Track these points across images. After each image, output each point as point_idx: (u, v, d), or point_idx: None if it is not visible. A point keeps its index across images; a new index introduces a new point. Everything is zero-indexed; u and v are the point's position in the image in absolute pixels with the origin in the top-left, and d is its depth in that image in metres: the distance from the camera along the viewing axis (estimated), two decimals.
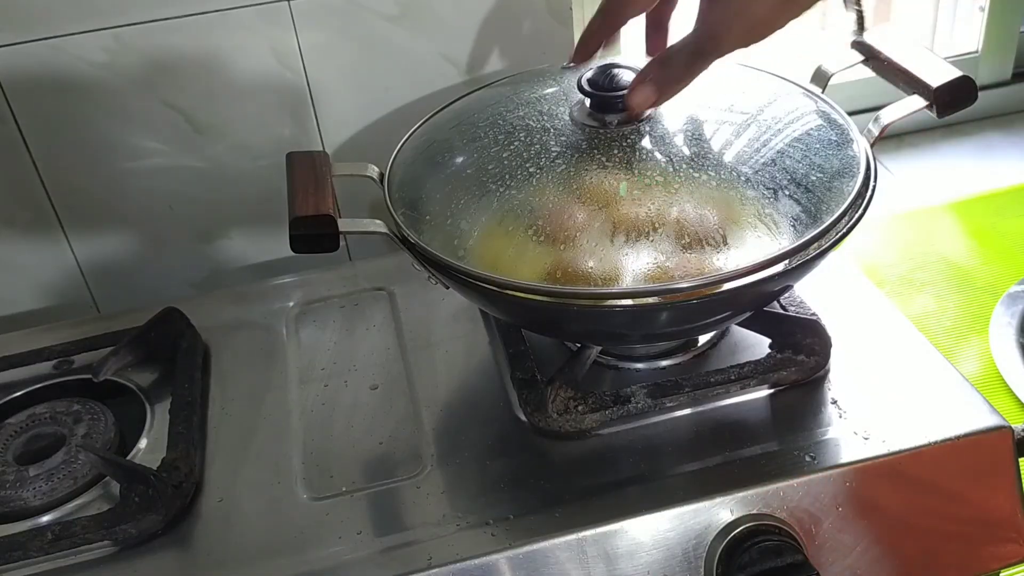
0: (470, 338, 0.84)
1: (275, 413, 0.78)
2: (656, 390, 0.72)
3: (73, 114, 0.90)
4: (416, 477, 0.70)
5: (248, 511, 0.70)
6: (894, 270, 1.08)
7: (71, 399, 0.80)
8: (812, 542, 0.66)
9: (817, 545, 0.66)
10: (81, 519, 0.68)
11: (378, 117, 0.97)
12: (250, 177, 0.97)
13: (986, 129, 1.34)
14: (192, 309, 0.88)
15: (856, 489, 0.66)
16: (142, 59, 0.88)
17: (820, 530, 0.64)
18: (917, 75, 0.74)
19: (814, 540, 0.66)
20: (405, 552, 0.64)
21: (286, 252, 0.68)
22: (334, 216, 0.67)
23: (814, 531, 0.65)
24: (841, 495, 0.66)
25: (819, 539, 0.66)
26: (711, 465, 0.68)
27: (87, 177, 0.93)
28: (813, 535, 0.66)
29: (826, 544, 0.66)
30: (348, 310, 0.89)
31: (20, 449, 0.76)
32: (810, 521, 0.65)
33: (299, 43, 0.91)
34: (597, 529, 0.64)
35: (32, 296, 0.99)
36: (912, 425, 0.69)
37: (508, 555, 0.63)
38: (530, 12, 0.95)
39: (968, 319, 1.01)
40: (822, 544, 0.66)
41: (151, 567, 0.66)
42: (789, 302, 0.78)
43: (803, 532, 0.65)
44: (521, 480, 0.68)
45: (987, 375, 0.94)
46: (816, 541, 0.66)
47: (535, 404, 0.71)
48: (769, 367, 0.73)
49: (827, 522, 0.65)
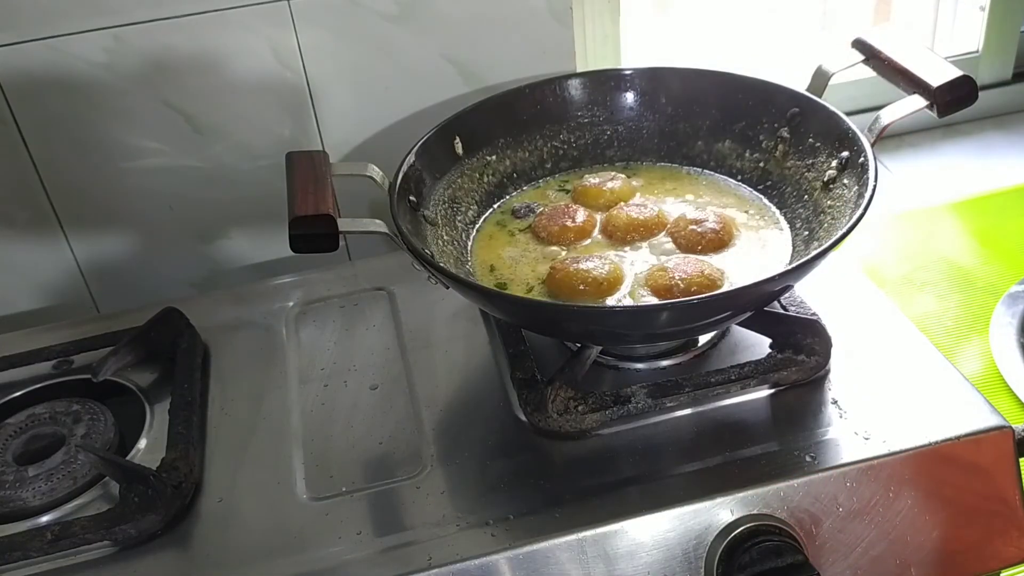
0: (470, 338, 0.83)
1: (275, 413, 0.78)
2: (656, 390, 0.72)
3: (73, 114, 0.90)
4: (416, 477, 0.70)
5: (248, 511, 0.70)
6: (894, 270, 1.08)
7: (71, 399, 0.80)
8: (812, 542, 0.66)
9: (817, 545, 0.66)
10: (81, 519, 0.68)
11: (378, 117, 0.97)
12: (250, 177, 0.97)
13: (986, 129, 1.34)
14: (192, 309, 0.88)
15: (856, 489, 0.66)
16: (142, 59, 0.88)
17: (820, 530, 0.64)
18: (917, 75, 0.74)
19: (814, 540, 0.66)
20: (405, 552, 0.64)
21: (286, 252, 0.68)
22: (334, 216, 0.67)
23: (814, 531, 0.65)
24: (841, 495, 0.66)
25: (819, 539, 0.66)
26: (711, 465, 0.68)
27: (87, 177, 0.93)
28: (813, 535, 0.66)
29: (826, 544, 0.66)
30: (348, 310, 0.89)
31: (20, 449, 0.76)
32: (810, 521, 0.65)
33: (299, 43, 0.91)
34: (597, 529, 0.64)
35: (32, 296, 0.99)
36: (913, 425, 0.69)
37: (508, 555, 0.63)
38: (530, 12, 0.95)
39: (969, 319, 1.00)
40: (822, 544, 0.66)
41: (151, 567, 0.66)
42: (789, 302, 0.78)
43: (803, 532, 0.65)
44: (521, 480, 0.68)
45: (988, 375, 0.93)
46: (816, 541, 0.66)
47: (535, 404, 0.71)
48: (769, 367, 0.73)
49: (827, 522, 0.65)
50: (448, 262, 0.76)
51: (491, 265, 0.81)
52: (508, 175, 0.89)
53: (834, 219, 0.74)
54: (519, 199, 0.88)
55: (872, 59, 0.79)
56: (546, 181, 0.90)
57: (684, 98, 0.89)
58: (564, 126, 0.90)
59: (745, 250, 0.79)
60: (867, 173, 0.71)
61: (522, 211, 0.86)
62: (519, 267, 0.80)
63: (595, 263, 0.76)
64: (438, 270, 0.69)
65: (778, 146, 0.83)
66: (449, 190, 0.84)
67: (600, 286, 0.75)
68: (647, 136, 0.90)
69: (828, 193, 0.76)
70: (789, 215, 0.81)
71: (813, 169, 0.79)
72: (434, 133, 0.83)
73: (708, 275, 0.74)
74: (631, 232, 0.81)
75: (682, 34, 1.30)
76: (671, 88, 0.89)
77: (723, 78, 0.87)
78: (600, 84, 0.90)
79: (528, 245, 0.83)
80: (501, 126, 0.88)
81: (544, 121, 0.90)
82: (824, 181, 0.77)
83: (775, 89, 0.84)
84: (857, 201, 0.70)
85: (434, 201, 0.81)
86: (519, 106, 0.89)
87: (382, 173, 0.78)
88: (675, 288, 0.73)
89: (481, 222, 0.86)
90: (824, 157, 0.78)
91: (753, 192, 0.85)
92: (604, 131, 0.91)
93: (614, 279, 0.76)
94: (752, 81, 0.85)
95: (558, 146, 0.90)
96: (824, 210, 0.76)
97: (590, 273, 0.75)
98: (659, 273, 0.75)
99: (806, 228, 0.78)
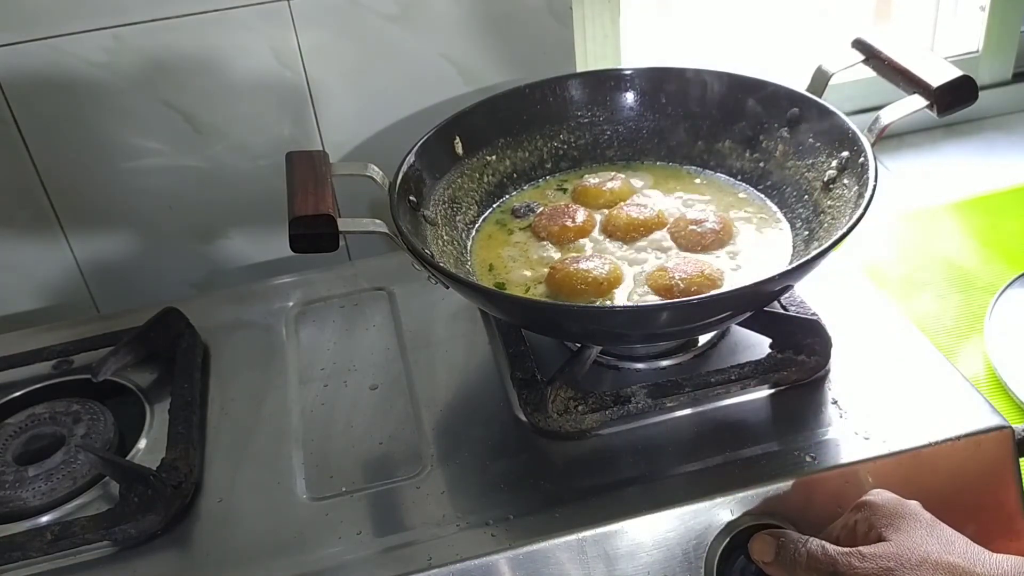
0: (470, 338, 0.83)
1: (275, 413, 0.78)
2: (656, 390, 0.72)
3: (73, 114, 0.90)
4: (416, 477, 0.70)
5: (248, 511, 0.70)
6: (894, 270, 1.08)
7: (70, 399, 0.80)
8: None
9: None
10: (80, 519, 0.68)
11: (378, 116, 0.97)
12: (250, 177, 0.97)
13: (986, 129, 1.34)
14: (192, 309, 0.88)
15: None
16: (142, 59, 0.88)
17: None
18: (917, 75, 0.74)
19: None
20: (405, 552, 0.64)
21: (286, 252, 0.68)
22: (334, 215, 0.67)
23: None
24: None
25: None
26: (711, 465, 0.68)
27: (87, 177, 0.93)
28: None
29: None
30: (348, 310, 0.89)
31: (19, 449, 0.76)
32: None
33: (299, 43, 0.91)
34: (597, 529, 0.64)
35: (32, 296, 0.99)
36: (913, 425, 0.69)
37: (508, 555, 0.63)
38: (530, 12, 0.95)
39: (968, 319, 1.00)
40: None
41: (151, 567, 0.66)
42: (789, 302, 0.78)
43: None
44: (521, 480, 0.68)
45: (988, 375, 0.93)
46: None
47: (535, 404, 0.71)
48: (769, 367, 0.73)
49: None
50: (448, 262, 0.76)
51: (490, 264, 0.81)
52: (508, 175, 0.89)
53: (834, 219, 0.74)
54: (519, 199, 0.88)
55: (872, 59, 0.79)
56: (546, 181, 0.90)
57: (684, 98, 0.89)
58: (564, 126, 0.90)
59: (745, 250, 0.79)
60: (867, 173, 0.71)
61: (522, 211, 0.86)
62: (519, 267, 0.80)
63: (595, 263, 0.76)
64: (438, 270, 0.69)
65: (778, 146, 0.83)
66: (449, 190, 0.84)
67: (600, 286, 0.75)
68: (647, 136, 0.90)
69: (828, 193, 0.76)
70: (789, 215, 0.81)
71: (813, 169, 0.79)
72: (434, 133, 0.83)
73: (708, 275, 0.74)
74: (631, 232, 0.81)
75: (682, 34, 1.30)
76: (671, 88, 0.89)
77: (723, 78, 0.87)
78: (600, 84, 0.90)
79: (528, 245, 0.83)
80: (501, 126, 0.88)
81: (544, 121, 0.90)
82: (824, 181, 0.77)
83: (775, 89, 0.84)
84: (857, 201, 0.70)
85: (434, 201, 0.81)
86: (519, 106, 0.89)
87: (382, 173, 0.78)
88: (675, 288, 0.73)
89: (481, 222, 0.86)
90: (824, 157, 0.78)
91: (753, 192, 0.85)
92: (604, 131, 0.91)
93: (614, 279, 0.76)
94: (752, 81, 0.85)
95: (558, 146, 0.90)
96: (824, 210, 0.76)
97: (590, 273, 0.75)
98: (659, 273, 0.75)
99: (806, 228, 0.78)
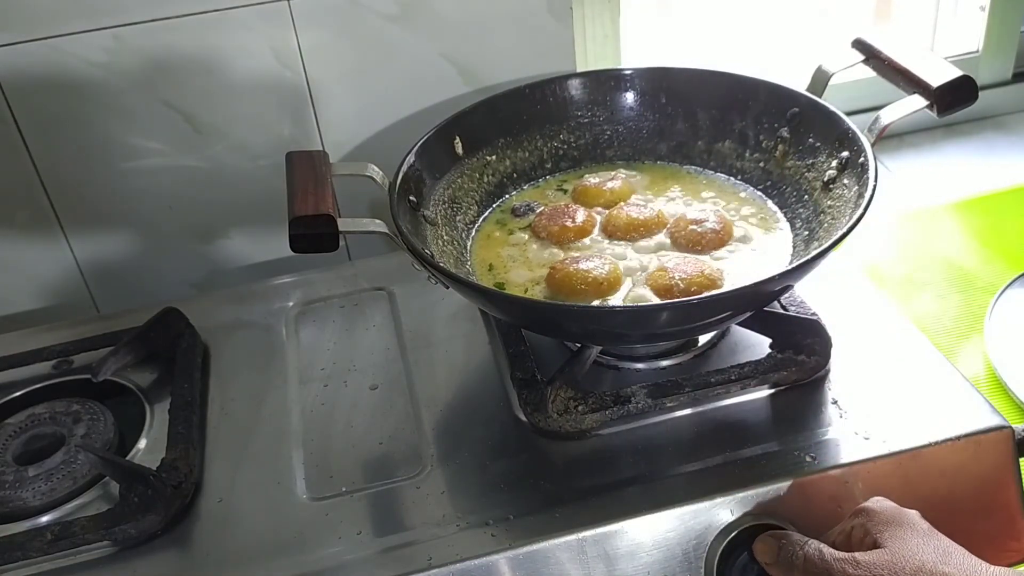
0: (470, 338, 0.83)
1: (275, 413, 0.78)
2: (656, 390, 0.72)
3: (73, 114, 0.90)
4: (416, 477, 0.70)
5: (248, 511, 0.70)
6: (894, 270, 1.08)
7: (70, 399, 0.80)
8: None
9: None
10: (80, 519, 0.68)
11: (378, 116, 0.97)
12: (250, 177, 0.96)
13: (986, 129, 1.34)
14: (192, 309, 0.88)
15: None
16: (142, 59, 0.88)
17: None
18: (917, 75, 0.74)
19: None
20: (405, 552, 0.64)
21: (286, 252, 0.68)
22: (334, 215, 0.67)
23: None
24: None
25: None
26: (711, 465, 0.68)
27: (87, 177, 0.93)
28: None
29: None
30: (348, 310, 0.89)
31: (19, 449, 0.76)
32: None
33: (299, 43, 0.91)
34: (597, 529, 0.64)
35: (32, 296, 0.99)
36: (913, 425, 0.69)
37: (508, 555, 0.63)
38: (530, 12, 0.95)
39: (968, 319, 1.00)
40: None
41: (151, 567, 0.66)
42: (789, 302, 0.78)
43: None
44: (521, 480, 0.68)
45: (988, 375, 0.93)
46: None
47: (535, 404, 0.71)
48: (769, 367, 0.73)
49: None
50: (448, 262, 0.76)
51: (490, 264, 0.81)
52: (508, 175, 0.89)
53: (834, 219, 0.74)
54: (519, 199, 0.88)
55: (872, 59, 0.79)
56: (546, 181, 0.90)
57: (684, 98, 0.89)
58: (564, 126, 0.90)
59: (745, 250, 0.79)
60: (867, 173, 0.71)
61: (522, 210, 0.86)
62: (518, 267, 0.80)
63: (595, 263, 0.76)
64: (438, 270, 0.69)
65: (778, 146, 0.83)
66: (449, 190, 0.84)
67: (600, 286, 0.75)
68: (647, 136, 0.90)
69: (828, 193, 0.76)
70: (789, 215, 0.81)
71: (813, 169, 0.79)
72: (434, 133, 0.83)
73: (708, 275, 0.74)
74: (631, 232, 0.81)
75: (682, 34, 1.30)
76: (671, 88, 0.89)
77: (723, 78, 0.87)
78: (600, 84, 0.90)
79: (528, 245, 0.83)
80: (501, 126, 0.88)
81: (544, 121, 0.90)
82: (824, 181, 0.77)
83: (775, 89, 0.84)
84: (857, 201, 0.70)
85: (434, 201, 0.81)
86: (519, 106, 0.89)
87: (382, 173, 0.78)
88: (675, 288, 0.73)
89: (481, 222, 0.86)
90: (824, 157, 0.78)
91: (753, 192, 0.85)
92: (604, 131, 0.91)
93: (614, 279, 0.76)
94: (752, 81, 0.85)
95: (558, 146, 0.90)
96: (824, 210, 0.76)
97: (590, 273, 0.75)
98: (659, 273, 0.75)
99: (806, 228, 0.78)
